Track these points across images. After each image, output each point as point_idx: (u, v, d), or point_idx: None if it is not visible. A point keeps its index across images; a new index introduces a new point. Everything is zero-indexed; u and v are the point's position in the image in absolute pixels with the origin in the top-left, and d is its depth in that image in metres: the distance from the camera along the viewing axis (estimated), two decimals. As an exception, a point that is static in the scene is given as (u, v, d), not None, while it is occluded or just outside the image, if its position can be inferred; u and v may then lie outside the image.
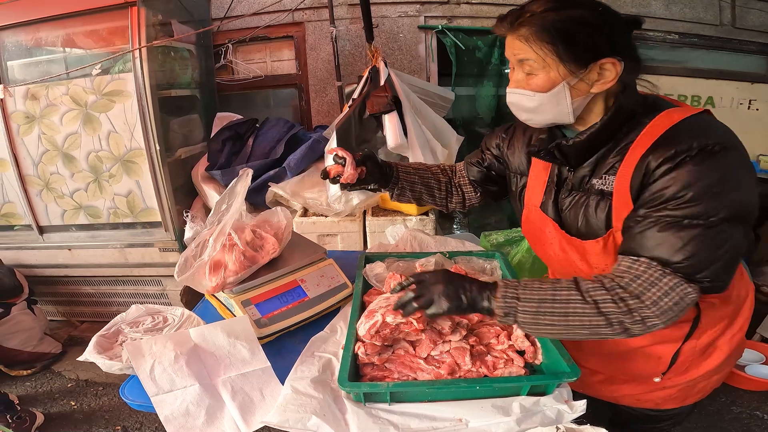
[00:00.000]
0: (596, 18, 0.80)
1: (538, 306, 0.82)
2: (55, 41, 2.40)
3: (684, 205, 0.77)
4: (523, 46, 0.84)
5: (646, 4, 2.88)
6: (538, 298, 0.82)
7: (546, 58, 0.82)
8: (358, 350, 1.00)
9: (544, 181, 1.04)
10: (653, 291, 0.77)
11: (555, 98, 0.85)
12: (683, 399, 1.06)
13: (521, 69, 0.87)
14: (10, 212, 2.66)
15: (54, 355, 2.65)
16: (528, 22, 0.82)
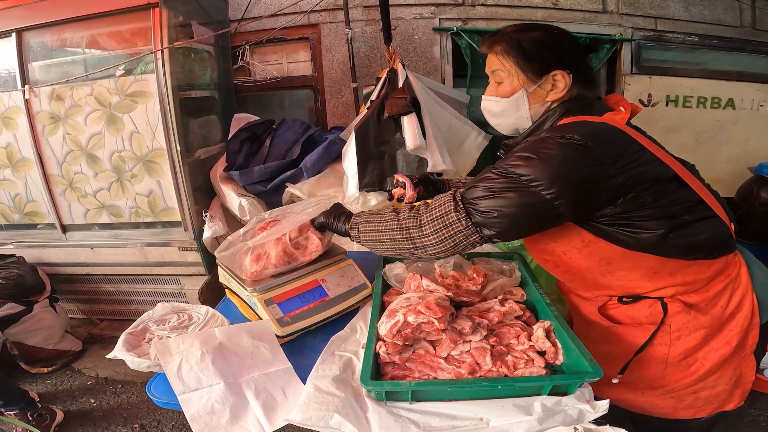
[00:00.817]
0: (551, 38, 1.01)
1: (368, 218, 1.09)
2: (80, 42, 2.45)
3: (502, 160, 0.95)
4: (495, 60, 1.04)
5: (665, 6, 2.85)
6: (369, 214, 1.11)
7: (511, 69, 1.02)
8: (379, 349, 1.02)
9: None
10: (436, 202, 0.99)
11: (516, 103, 1.03)
12: (673, 410, 1.07)
13: (493, 79, 1.07)
14: (34, 211, 2.73)
15: (74, 353, 2.70)
16: (500, 40, 1.03)
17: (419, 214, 1.00)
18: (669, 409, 1.07)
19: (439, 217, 0.96)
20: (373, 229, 1.07)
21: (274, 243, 1.22)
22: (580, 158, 0.86)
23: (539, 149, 0.89)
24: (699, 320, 0.98)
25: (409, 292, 1.21)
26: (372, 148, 1.97)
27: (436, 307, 1.04)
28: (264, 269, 1.21)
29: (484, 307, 1.19)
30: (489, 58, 1.07)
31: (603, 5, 2.86)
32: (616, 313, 1.07)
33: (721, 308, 0.99)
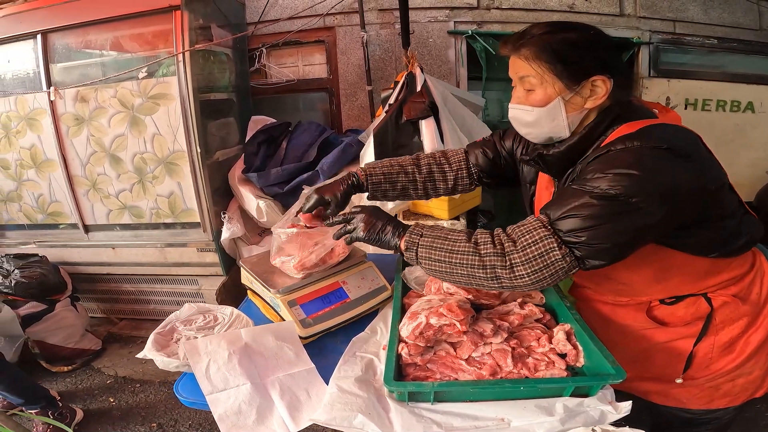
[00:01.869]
0: (588, 40, 0.91)
1: (433, 241, 0.94)
2: (103, 44, 2.50)
3: (590, 178, 0.85)
4: (524, 65, 0.93)
5: (684, 9, 2.83)
6: (436, 236, 0.95)
7: (544, 75, 0.91)
8: (401, 351, 1.04)
9: (551, 191, 1.10)
10: (527, 237, 0.86)
11: (551, 112, 0.93)
12: (709, 400, 1.07)
13: (521, 86, 0.96)
14: (57, 211, 2.80)
15: (94, 352, 2.74)
16: (528, 44, 0.91)
17: (508, 252, 0.87)
18: (705, 399, 1.07)
19: (539, 256, 0.84)
20: (442, 259, 0.92)
21: (302, 247, 1.23)
22: (684, 170, 0.82)
23: (639, 164, 0.81)
24: (741, 309, 1.00)
25: (429, 295, 1.22)
26: (390, 152, 1.99)
27: (458, 310, 1.05)
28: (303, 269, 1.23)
29: (503, 309, 1.20)
30: (514, 61, 0.96)
31: (620, 8, 2.85)
32: (659, 314, 1.06)
33: (756, 295, 1.02)
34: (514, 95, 1.00)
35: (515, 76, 0.97)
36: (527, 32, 0.94)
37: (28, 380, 2.13)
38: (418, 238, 0.96)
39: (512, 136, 1.25)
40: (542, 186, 1.15)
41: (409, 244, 0.97)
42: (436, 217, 2.27)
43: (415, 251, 0.96)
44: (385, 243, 1.01)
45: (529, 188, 1.20)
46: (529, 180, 1.20)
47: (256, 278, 1.31)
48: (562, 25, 0.93)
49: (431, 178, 1.30)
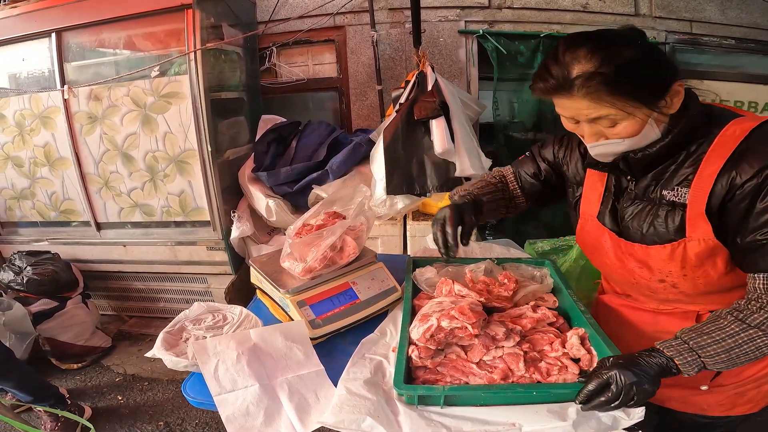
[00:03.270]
0: (645, 50, 0.83)
1: (728, 356, 0.83)
2: (116, 43, 2.53)
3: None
4: (593, 105, 0.84)
5: (701, 9, 2.78)
6: (724, 351, 0.83)
7: (626, 107, 0.82)
8: (411, 353, 1.02)
9: (600, 191, 1.06)
10: None
11: (645, 136, 0.88)
12: (731, 406, 1.05)
13: (596, 124, 0.88)
14: (70, 209, 2.82)
15: (104, 350, 2.76)
16: (587, 86, 0.81)
17: None
18: (728, 406, 1.05)
19: None
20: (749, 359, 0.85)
21: (313, 246, 1.23)
22: None
23: None
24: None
25: (440, 297, 1.21)
26: (400, 152, 1.98)
27: (469, 313, 1.04)
28: (311, 271, 1.22)
29: (515, 313, 1.18)
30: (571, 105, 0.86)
31: (635, 8, 2.81)
32: None
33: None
34: (588, 134, 0.91)
35: (584, 116, 0.87)
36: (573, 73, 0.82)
37: (37, 378, 2.15)
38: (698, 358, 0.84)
39: (551, 144, 1.21)
40: (590, 186, 1.09)
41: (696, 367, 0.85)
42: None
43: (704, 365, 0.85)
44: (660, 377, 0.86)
45: (576, 189, 1.15)
46: (576, 181, 1.15)
47: (266, 278, 1.30)
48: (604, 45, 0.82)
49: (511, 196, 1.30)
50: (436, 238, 1.11)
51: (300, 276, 1.24)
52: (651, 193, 0.96)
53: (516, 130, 3.08)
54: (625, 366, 0.83)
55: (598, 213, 1.06)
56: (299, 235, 1.29)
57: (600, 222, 1.05)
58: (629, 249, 0.99)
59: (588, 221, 1.09)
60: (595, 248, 1.10)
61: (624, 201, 1.01)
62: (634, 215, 0.98)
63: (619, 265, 1.04)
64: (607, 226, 1.03)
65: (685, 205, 0.89)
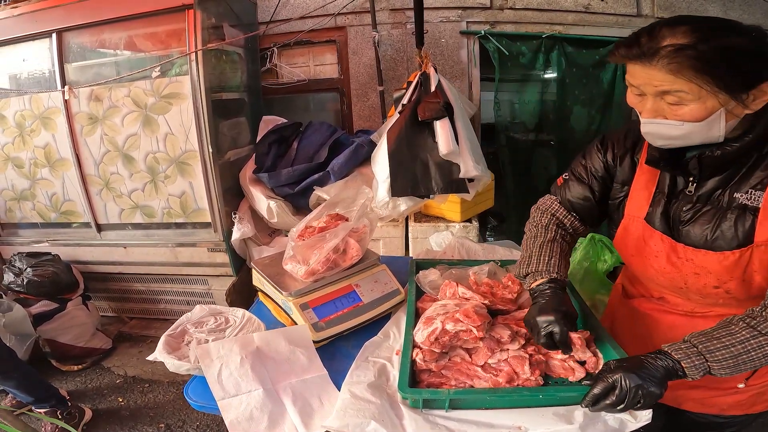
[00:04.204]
0: (755, 44, 0.77)
1: (735, 361, 0.82)
2: (117, 43, 2.51)
3: None
4: (669, 78, 0.79)
5: (703, 10, 2.77)
6: (731, 356, 0.82)
7: (702, 88, 0.78)
8: (416, 357, 1.02)
9: (651, 191, 1.01)
10: None
11: (708, 125, 0.82)
12: (751, 405, 1.04)
13: (661, 99, 0.84)
14: (70, 210, 2.81)
15: (104, 351, 2.75)
16: (676, 55, 0.77)
17: None
18: (747, 405, 1.04)
19: None
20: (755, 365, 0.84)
21: (316, 249, 1.22)
22: None
23: None
24: None
25: (444, 299, 1.20)
26: (404, 153, 1.96)
27: (474, 315, 1.03)
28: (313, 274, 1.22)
29: (520, 315, 1.18)
30: (648, 73, 0.81)
31: (637, 9, 2.80)
32: None
33: None
34: (647, 108, 0.86)
35: (650, 88, 0.83)
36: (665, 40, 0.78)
37: (39, 379, 2.14)
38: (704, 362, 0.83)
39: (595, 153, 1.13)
40: (639, 186, 1.04)
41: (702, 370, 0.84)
42: (448, 219, 2.25)
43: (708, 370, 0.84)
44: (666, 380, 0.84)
45: (621, 188, 1.09)
46: (621, 181, 1.08)
47: (268, 280, 1.29)
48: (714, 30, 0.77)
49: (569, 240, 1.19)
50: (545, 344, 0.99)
51: (303, 279, 1.24)
52: (717, 196, 0.92)
53: (517, 131, 3.08)
54: (630, 369, 0.83)
55: (647, 214, 1.01)
56: (302, 237, 1.28)
57: (648, 223, 1.00)
58: (688, 254, 0.94)
59: (633, 222, 1.04)
60: (638, 250, 1.04)
61: (680, 203, 0.96)
62: (695, 219, 0.94)
63: (670, 270, 0.98)
64: (658, 229, 0.98)
65: (758, 209, 0.86)
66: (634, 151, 1.06)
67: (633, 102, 0.90)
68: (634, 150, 1.06)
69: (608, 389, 0.83)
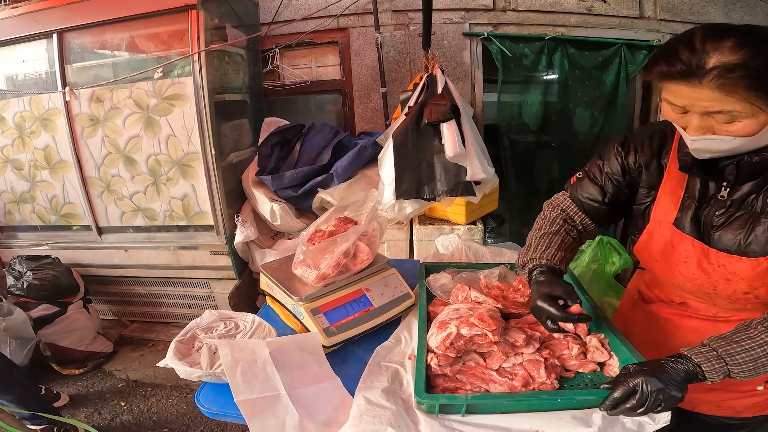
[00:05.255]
0: None
1: (754, 365, 0.82)
2: (119, 44, 2.49)
3: None
4: (721, 98, 0.76)
5: (705, 12, 2.78)
6: (751, 360, 0.82)
7: (755, 105, 0.75)
8: (430, 361, 1.01)
9: (679, 196, 1.00)
10: None
11: (759, 137, 0.81)
12: (765, 407, 1.04)
13: (710, 117, 0.80)
14: (70, 212, 2.79)
15: (105, 354, 2.73)
16: (724, 77, 0.74)
17: None
18: (762, 407, 1.04)
19: None
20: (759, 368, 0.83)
21: (326, 253, 1.21)
22: None
23: None
24: None
25: (456, 303, 1.19)
26: (410, 156, 1.95)
27: (489, 320, 1.02)
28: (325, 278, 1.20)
29: (532, 318, 1.17)
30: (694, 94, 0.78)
31: (640, 11, 2.80)
32: None
33: None
34: (694, 125, 0.83)
35: (699, 107, 0.80)
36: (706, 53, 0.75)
37: (38, 394, 2.12)
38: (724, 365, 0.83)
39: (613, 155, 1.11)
40: (667, 190, 1.02)
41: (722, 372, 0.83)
42: (452, 221, 2.24)
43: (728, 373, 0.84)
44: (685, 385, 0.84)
45: (648, 193, 1.07)
46: (648, 185, 1.06)
47: (277, 284, 1.28)
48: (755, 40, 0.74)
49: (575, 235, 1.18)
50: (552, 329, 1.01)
51: (313, 283, 1.22)
52: (751, 201, 0.91)
53: (520, 132, 3.07)
54: (651, 373, 0.82)
55: (676, 219, 0.99)
56: (312, 241, 1.27)
57: (677, 228, 0.99)
58: (720, 260, 0.93)
59: (660, 227, 1.02)
60: (665, 256, 1.02)
61: (712, 208, 0.95)
62: (728, 224, 0.93)
63: (700, 275, 0.97)
64: (688, 234, 0.97)
65: None
66: (661, 155, 1.04)
67: (673, 118, 0.86)
68: (660, 154, 1.04)
69: (629, 393, 0.82)
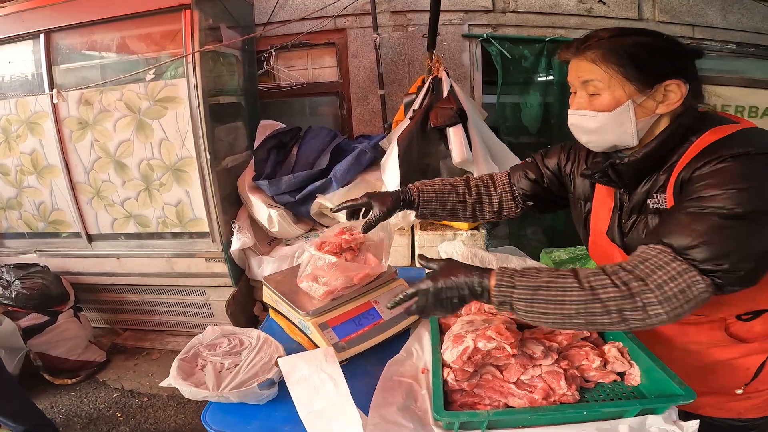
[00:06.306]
0: (662, 44, 0.88)
1: (534, 293, 0.80)
2: (109, 45, 2.41)
3: (709, 197, 0.78)
4: (589, 67, 0.89)
5: (703, 14, 2.79)
6: (533, 286, 0.81)
7: (612, 77, 0.87)
8: (447, 376, 0.97)
9: (609, 206, 1.05)
10: (659, 274, 0.76)
11: (619, 118, 0.89)
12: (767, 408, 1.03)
13: (584, 90, 0.92)
14: (59, 219, 2.70)
15: (98, 364, 2.66)
16: (596, 46, 0.89)
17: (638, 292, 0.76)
18: (764, 408, 1.04)
19: (680, 293, 0.75)
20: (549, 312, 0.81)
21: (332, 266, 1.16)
22: None
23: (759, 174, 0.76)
24: None
25: (469, 315, 1.16)
26: (415, 161, 1.91)
27: (507, 332, 1.00)
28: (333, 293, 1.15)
29: (547, 329, 1.14)
30: (577, 65, 0.92)
31: (639, 13, 2.80)
32: (736, 330, 1.01)
33: None
34: (575, 101, 0.95)
35: (577, 80, 0.93)
36: (593, 35, 0.91)
37: (37, 409, 2.04)
38: (510, 291, 0.82)
39: (557, 154, 1.20)
40: (600, 201, 1.08)
41: (502, 299, 0.83)
42: (455, 227, 2.20)
43: (510, 304, 0.83)
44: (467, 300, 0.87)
45: (584, 205, 1.14)
46: (584, 196, 1.13)
47: (282, 298, 1.23)
48: (632, 30, 0.90)
49: (479, 200, 1.27)
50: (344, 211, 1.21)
51: (320, 298, 1.17)
52: (644, 205, 0.95)
53: (520, 134, 3.05)
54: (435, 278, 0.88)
55: (608, 229, 1.05)
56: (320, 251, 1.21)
57: (609, 238, 1.04)
58: None
59: (598, 236, 1.08)
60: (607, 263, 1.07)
61: (624, 216, 1.01)
62: (632, 230, 0.98)
63: None
64: (616, 243, 1.02)
65: (666, 210, 0.89)
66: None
67: (571, 101, 0.98)
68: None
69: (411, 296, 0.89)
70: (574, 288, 0.79)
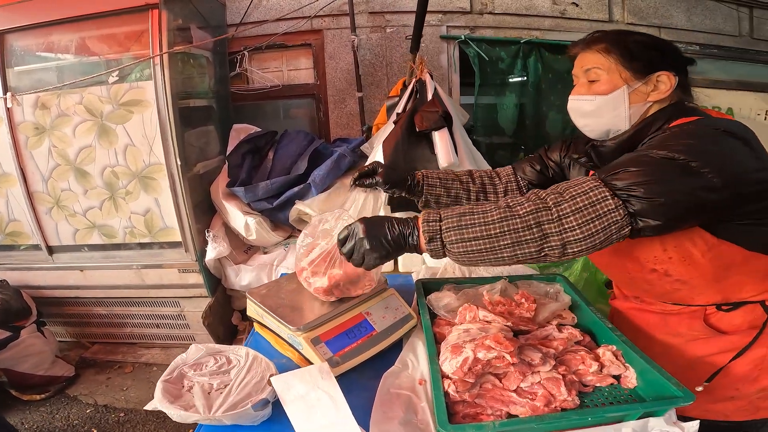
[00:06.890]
0: (656, 42, 1.00)
1: (459, 220, 0.83)
2: (68, 46, 2.28)
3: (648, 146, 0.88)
4: (594, 56, 1.00)
5: (669, 16, 2.89)
6: (458, 213, 0.85)
7: (612, 64, 0.97)
8: (447, 388, 0.94)
9: None
10: (575, 188, 0.82)
11: (614, 101, 0.97)
12: (754, 411, 1.05)
13: (585, 78, 1.02)
14: (16, 231, 2.52)
15: (67, 378, 2.53)
16: (602, 39, 1.01)
17: (553, 204, 0.80)
18: (751, 410, 1.05)
19: (589, 206, 0.78)
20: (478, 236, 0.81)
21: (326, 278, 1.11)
22: (741, 149, 0.83)
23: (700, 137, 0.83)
24: None
25: (465, 324, 1.13)
26: (401, 165, 1.87)
27: (506, 341, 0.98)
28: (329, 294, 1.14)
29: (542, 334, 1.14)
30: (583, 56, 1.03)
31: (609, 15, 2.88)
32: (716, 321, 1.03)
33: None
34: (576, 89, 1.05)
35: (580, 69, 1.03)
36: (601, 33, 1.03)
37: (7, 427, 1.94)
38: (438, 224, 0.84)
39: (558, 148, 1.27)
40: None
41: (431, 234, 0.84)
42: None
43: (440, 239, 0.83)
44: (398, 242, 0.86)
45: None
46: None
47: (269, 313, 1.16)
48: (632, 31, 1.03)
49: (483, 190, 1.31)
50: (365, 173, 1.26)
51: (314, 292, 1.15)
52: None
53: (497, 136, 3.07)
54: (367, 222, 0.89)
55: None
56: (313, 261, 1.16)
57: None
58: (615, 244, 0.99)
59: None
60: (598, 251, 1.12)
61: None
62: None
63: (615, 263, 1.10)
64: None
65: None
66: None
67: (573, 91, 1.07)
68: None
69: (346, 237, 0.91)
70: (493, 210, 0.83)
